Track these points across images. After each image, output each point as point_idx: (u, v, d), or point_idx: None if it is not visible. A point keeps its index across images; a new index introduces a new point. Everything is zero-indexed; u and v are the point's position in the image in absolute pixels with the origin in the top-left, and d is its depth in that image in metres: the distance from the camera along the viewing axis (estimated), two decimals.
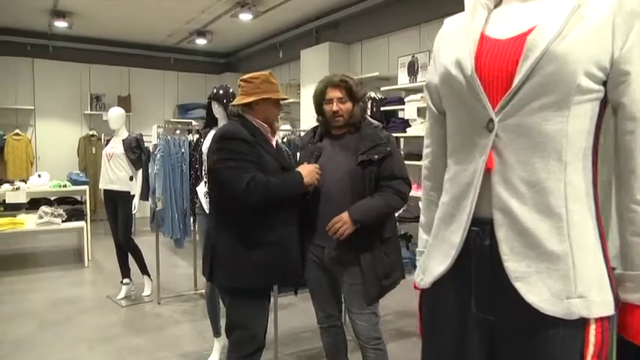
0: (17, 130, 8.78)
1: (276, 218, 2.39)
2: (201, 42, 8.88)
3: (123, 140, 4.80)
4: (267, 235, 2.36)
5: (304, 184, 2.41)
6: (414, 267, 3.91)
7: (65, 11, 7.56)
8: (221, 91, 3.46)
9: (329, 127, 2.63)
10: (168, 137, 4.65)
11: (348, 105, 2.53)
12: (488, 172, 1.14)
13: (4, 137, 8.70)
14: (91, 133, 9.11)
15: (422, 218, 1.46)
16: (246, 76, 2.49)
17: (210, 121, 3.60)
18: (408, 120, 6.04)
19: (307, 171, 2.44)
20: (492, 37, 1.18)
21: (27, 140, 8.90)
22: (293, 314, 4.38)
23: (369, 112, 2.71)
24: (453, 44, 1.25)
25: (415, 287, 1.39)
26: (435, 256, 1.27)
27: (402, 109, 6.14)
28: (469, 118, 1.18)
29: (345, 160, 2.52)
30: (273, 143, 2.54)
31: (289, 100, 8.54)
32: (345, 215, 2.39)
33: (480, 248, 1.17)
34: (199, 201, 3.50)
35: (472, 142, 1.17)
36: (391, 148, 2.51)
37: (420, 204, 1.50)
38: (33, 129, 9.16)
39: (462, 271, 1.21)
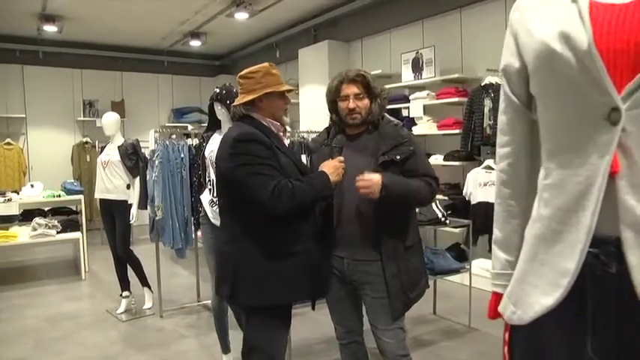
0: (8, 140, 8.52)
1: (302, 225, 2.17)
2: (195, 44, 8.69)
3: (118, 147, 4.56)
4: (294, 244, 2.14)
5: (331, 184, 2.19)
6: (433, 273, 3.70)
7: (54, 15, 7.32)
8: (224, 92, 3.24)
9: (344, 126, 2.43)
10: (167, 142, 4.43)
11: (366, 102, 2.33)
12: (611, 177, 0.89)
13: None
14: (84, 140, 8.87)
15: (497, 233, 1.21)
16: (244, 72, 2.25)
17: (213, 124, 3.38)
18: (413, 118, 5.85)
19: (332, 167, 2.21)
20: (604, 2, 0.93)
21: (19, 149, 8.64)
22: (303, 324, 4.15)
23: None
24: (550, 13, 0.99)
25: (491, 317, 1.17)
26: (535, 284, 1.01)
27: (407, 108, 5.95)
28: (580, 108, 0.93)
29: (363, 161, 2.31)
30: (286, 143, 2.32)
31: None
32: (377, 176, 2.16)
33: (601, 276, 0.92)
34: (204, 210, 3.27)
35: (586, 138, 0.92)
36: (414, 147, 2.30)
37: (495, 215, 1.25)
38: (25, 138, 8.91)
39: (574, 305, 0.95)
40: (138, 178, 4.59)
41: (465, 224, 4.12)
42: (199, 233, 3.81)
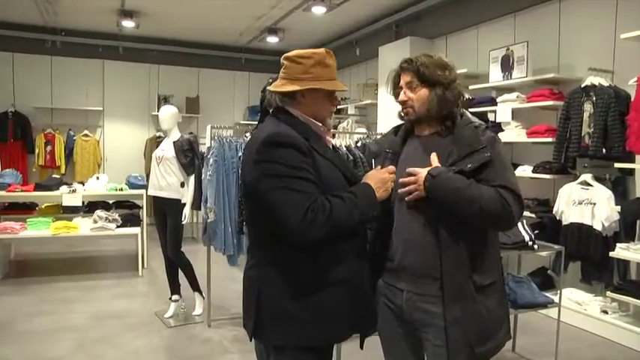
0: (86, 131, 8.73)
1: (343, 249, 1.72)
2: (272, 40, 8.44)
3: (174, 142, 4.28)
4: (334, 270, 1.70)
5: (377, 201, 1.73)
6: (515, 306, 3.07)
7: (132, 10, 7.33)
8: None
9: (412, 125, 1.97)
10: (224, 139, 4.11)
11: (422, 92, 1.85)
12: None
13: (74, 138, 8.64)
14: (157, 134, 8.85)
15: None
16: (292, 54, 1.79)
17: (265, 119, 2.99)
18: (500, 123, 5.20)
19: (379, 180, 1.76)
20: None
21: (95, 141, 8.80)
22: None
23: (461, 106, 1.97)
24: None
25: None
26: None
27: (494, 111, 5.32)
28: None
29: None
30: (330, 144, 1.87)
31: (366, 102, 7.90)
32: (423, 171, 1.78)
33: None
34: None
35: None
36: (492, 154, 1.77)
37: None
38: (101, 130, 9.05)
39: None
40: (193, 176, 4.30)
41: (556, 250, 3.49)
42: None
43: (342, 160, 1.85)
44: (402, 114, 1.91)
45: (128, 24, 7.56)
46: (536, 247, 3.22)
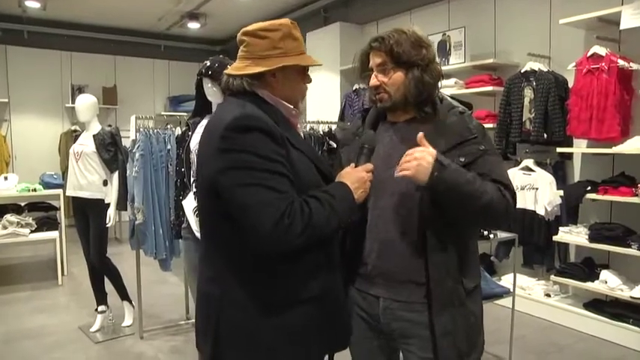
0: None
1: (317, 258, 1.47)
2: (194, 26, 7.99)
3: (94, 135, 3.85)
4: (305, 284, 1.45)
5: (356, 203, 1.48)
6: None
7: None
8: (216, 65, 2.57)
9: (385, 111, 1.73)
10: (150, 131, 3.73)
11: (396, 76, 1.61)
12: None
13: None
14: (72, 128, 8.15)
15: None
16: (254, 28, 1.50)
17: (201, 108, 2.68)
18: None
19: (356, 180, 1.50)
20: None
21: (1, 137, 7.96)
22: None
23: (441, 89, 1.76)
24: None
25: None
26: None
27: None
28: None
29: None
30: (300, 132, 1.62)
31: None
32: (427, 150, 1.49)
33: None
34: (187, 220, 2.56)
35: None
36: (486, 145, 1.59)
37: None
38: (8, 124, 8.22)
39: None
40: (117, 173, 3.88)
41: (509, 238, 3.40)
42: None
43: (314, 152, 1.59)
44: (375, 100, 1.66)
45: (33, 5, 6.87)
46: (492, 236, 3.12)
